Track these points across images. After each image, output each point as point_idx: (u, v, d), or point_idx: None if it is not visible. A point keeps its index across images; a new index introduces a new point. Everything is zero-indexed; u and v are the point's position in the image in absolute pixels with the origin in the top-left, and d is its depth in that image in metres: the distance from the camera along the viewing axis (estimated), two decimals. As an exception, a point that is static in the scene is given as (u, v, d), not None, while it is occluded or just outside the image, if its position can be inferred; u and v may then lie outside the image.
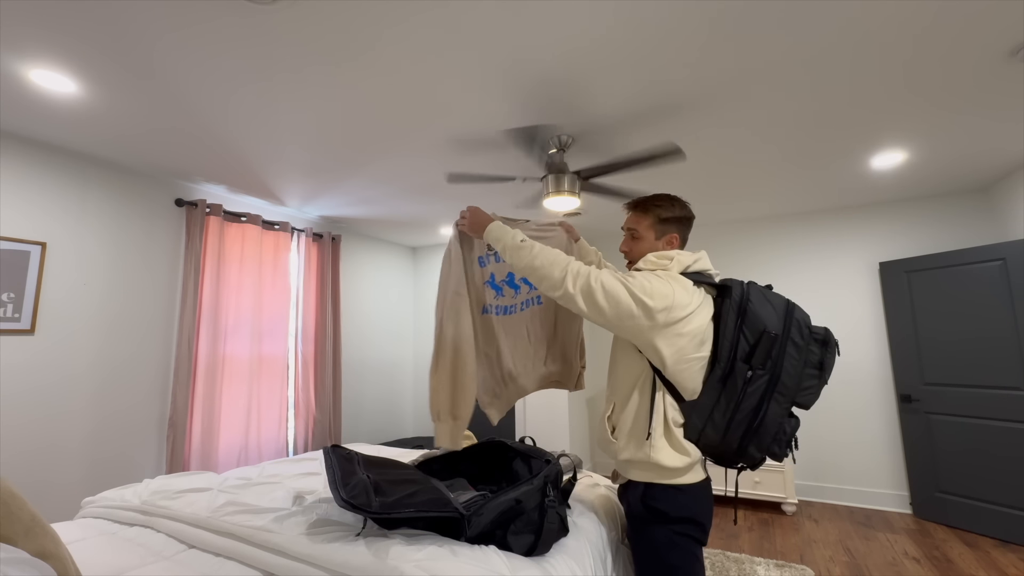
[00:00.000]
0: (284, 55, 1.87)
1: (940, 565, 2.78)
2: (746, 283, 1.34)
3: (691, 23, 1.71)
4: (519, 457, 1.74)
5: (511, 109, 2.29)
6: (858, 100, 2.28)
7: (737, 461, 1.37)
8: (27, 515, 0.99)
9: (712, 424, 1.31)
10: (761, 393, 1.28)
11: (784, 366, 1.28)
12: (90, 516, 1.81)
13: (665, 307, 1.24)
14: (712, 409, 1.31)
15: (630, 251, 1.52)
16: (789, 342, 1.28)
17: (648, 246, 1.47)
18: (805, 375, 1.31)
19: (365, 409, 4.61)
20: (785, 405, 1.31)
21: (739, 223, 4.45)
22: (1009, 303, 3.12)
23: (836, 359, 1.32)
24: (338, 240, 4.27)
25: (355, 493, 1.24)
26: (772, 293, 1.35)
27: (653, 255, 1.42)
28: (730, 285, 1.34)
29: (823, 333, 1.31)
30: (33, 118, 2.35)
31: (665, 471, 1.30)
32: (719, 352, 1.31)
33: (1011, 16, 1.70)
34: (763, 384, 1.28)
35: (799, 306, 1.33)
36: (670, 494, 1.30)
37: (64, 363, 2.67)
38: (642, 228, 1.48)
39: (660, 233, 1.47)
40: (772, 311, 1.30)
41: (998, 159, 3.06)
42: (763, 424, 1.29)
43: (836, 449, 3.93)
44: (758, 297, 1.31)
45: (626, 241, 1.53)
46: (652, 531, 1.33)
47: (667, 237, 1.47)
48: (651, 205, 1.48)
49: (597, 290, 1.26)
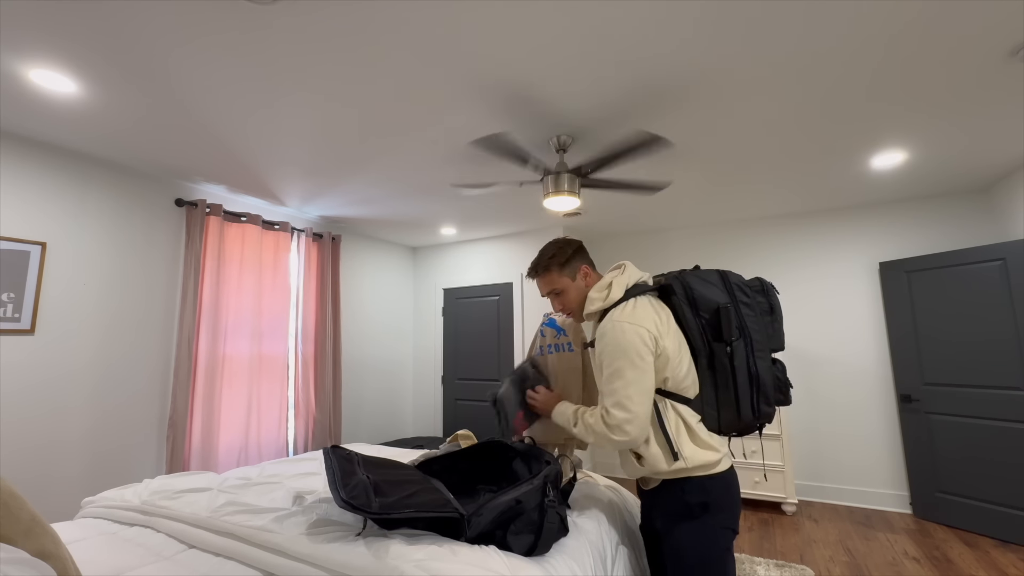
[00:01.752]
0: (284, 55, 1.87)
1: (940, 565, 2.78)
2: (680, 273, 1.48)
3: (691, 23, 1.71)
4: (519, 457, 1.74)
5: (510, 108, 2.30)
6: (858, 100, 2.28)
7: (757, 424, 1.45)
8: (27, 515, 0.99)
9: (725, 406, 1.41)
10: (745, 357, 1.40)
11: (749, 326, 1.40)
12: (90, 516, 1.81)
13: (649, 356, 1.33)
14: (716, 394, 1.41)
15: (564, 307, 1.58)
16: (741, 305, 1.41)
17: (574, 291, 1.54)
18: (765, 323, 1.44)
19: (365, 409, 4.61)
20: (766, 357, 1.43)
21: (739, 223, 4.45)
22: (1009, 303, 3.12)
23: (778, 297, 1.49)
24: (338, 240, 4.27)
25: (355, 494, 1.24)
26: (703, 271, 1.48)
27: (594, 293, 1.48)
28: (669, 283, 1.46)
29: (758, 283, 1.47)
30: (33, 118, 2.35)
31: (699, 467, 1.36)
32: (693, 344, 1.43)
33: (1011, 16, 1.70)
34: (743, 350, 1.39)
35: (730, 271, 1.47)
36: (706, 485, 1.36)
37: (64, 363, 2.67)
38: (557, 283, 1.55)
39: (572, 275, 1.54)
40: (713, 287, 1.43)
41: (998, 159, 3.06)
42: (761, 381, 1.40)
43: (836, 449, 3.93)
44: (697, 282, 1.44)
45: (553, 302, 1.59)
46: (693, 525, 1.35)
47: (580, 272, 1.55)
48: (545, 262, 1.56)
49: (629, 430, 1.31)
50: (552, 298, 1.59)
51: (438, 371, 5.08)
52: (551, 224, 4.49)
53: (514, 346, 4.62)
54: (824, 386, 4.01)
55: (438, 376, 5.07)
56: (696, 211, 4.12)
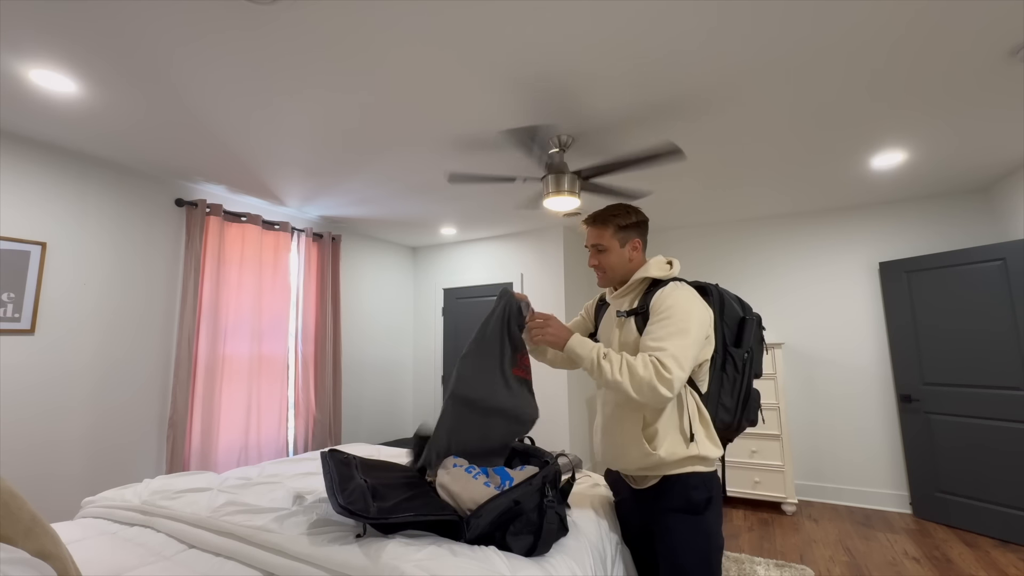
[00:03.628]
0: (284, 54, 1.87)
1: (940, 565, 2.78)
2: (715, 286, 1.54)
3: (692, 23, 1.71)
4: (518, 457, 1.74)
5: (511, 109, 2.30)
6: (858, 100, 2.28)
7: (731, 438, 1.54)
8: (27, 515, 0.99)
9: (723, 408, 1.45)
10: (745, 370, 1.48)
11: (753, 344, 1.51)
12: (90, 516, 1.82)
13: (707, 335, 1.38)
14: (719, 395, 1.45)
15: (599, 264, 1.58)
16: (754, 323, 1.51)
17: (615, 256, 1.54)
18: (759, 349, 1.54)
19: (365, 409, 4.61)
20: (753, 377, 1.52)
21: (739, 223, 4.45)
22: (1009, 303, 3.12)
23: None
24: (338, 240, 4.27)
25: (353, 499, 1.24)
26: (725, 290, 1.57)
27: (655, 264, 1.50)
28: (706, 286, 1.51)
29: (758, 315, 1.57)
30: (33, 118, 2.35)
31: (705, 460, 1.39)
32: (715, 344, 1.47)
33: (1011, 16, 1.70)
34: (746, 362, 1.48)
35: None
36: (708, 480, 1.40)
37: (64, 363, 2.67)
38: (605, 240, 1.55)
39: (623, 241, 1.54)
40: (736, 304, 1.52)
41: (998, 159, 3.06)
42: (750, 396, 1.50)
43: (836, 449, 3.93)
44: (726, 293, 1.53)
45: (593, 256, 1.59)
46: (694, 522, 1.38)
47: (631, 243, 1.55)
48: (608, 216, 1.56)
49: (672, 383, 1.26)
50: (593, 251, 1.58)
51: (438, 371, 5.07)
52: (551, 224, 4.49)
53: (514, 346, 4.61)
54: (824, 386, 4.01)
55: (438, 376, 5.07)
56: (696, 211, 4.12)
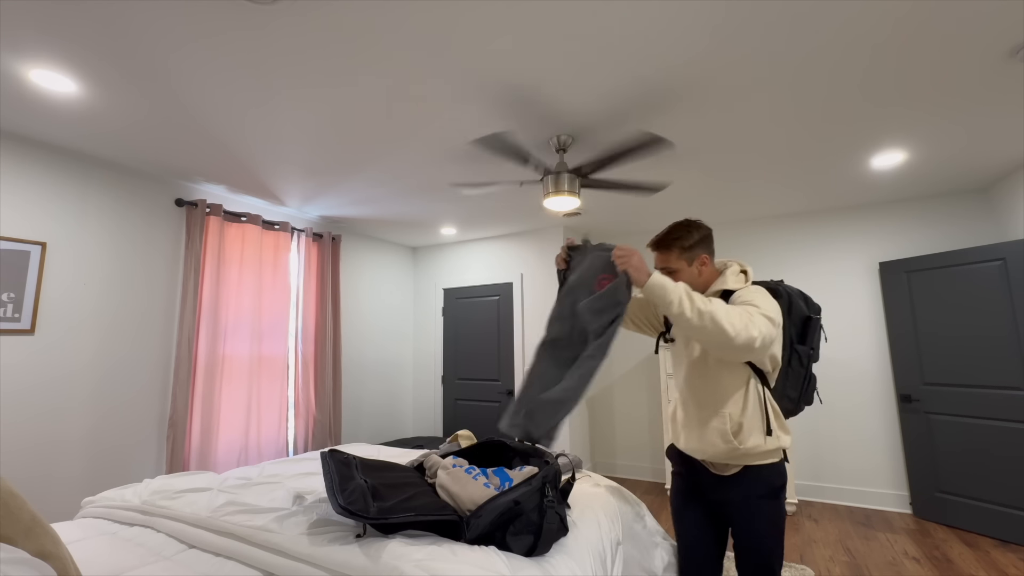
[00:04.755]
0: (284, 54, 1.87)
1: (940, 565, 2.78)
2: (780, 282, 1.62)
3: (691, 22, 1.71)
4: (518, 457, 1.75)
5: (510, 109, 2.30)
6: (858, 100, 2.28)
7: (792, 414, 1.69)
8: (27, 515, 0.99)
9: (787, 398, 1.57)
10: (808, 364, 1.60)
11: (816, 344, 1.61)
12: (90, 516, 1.82)
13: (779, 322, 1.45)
14: (784, 387, 1.56)
15: None
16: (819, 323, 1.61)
17: (686, 275, 1.57)
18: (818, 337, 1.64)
19: (365, 409, 4.61)
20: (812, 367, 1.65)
21: (739, 223, 4.45)
22: (1009, 303, 3.12)
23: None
24: (338, 240, 4.27)
25: (353, 499, 1.24)
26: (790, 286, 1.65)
27: (732, 277, 1.55)
28: (777, 287, 1.57)
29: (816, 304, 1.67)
30: (33, 118, 2.35)
31: (781, 451, 1.49)
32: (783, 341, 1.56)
33: (1011, 16, 1.70)
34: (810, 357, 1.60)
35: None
36: (782, 468, 1.50)
37: (64, 363, 2.67)
38: (672, 262, 1.58)
39: (690, 260, 1.57)
40: (802, 303, 1.59)
41: (998, 159, 3.06)
42: (810, 385, 1.63)
43: (836, 449, 3.93)
44: (794, 292, 1.60)
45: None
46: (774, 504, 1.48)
47: (698, 259, 1.58)
48: (671, 240, 1.59)
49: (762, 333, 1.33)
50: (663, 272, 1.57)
51: (438, 371, 5.08)
52: (551, 224, 4.49)
53: (514, 346, 4.62)
54: (824, 386, 4.01)
55: (438, 376, 5.07)
56: (696, 211, 4.12)
